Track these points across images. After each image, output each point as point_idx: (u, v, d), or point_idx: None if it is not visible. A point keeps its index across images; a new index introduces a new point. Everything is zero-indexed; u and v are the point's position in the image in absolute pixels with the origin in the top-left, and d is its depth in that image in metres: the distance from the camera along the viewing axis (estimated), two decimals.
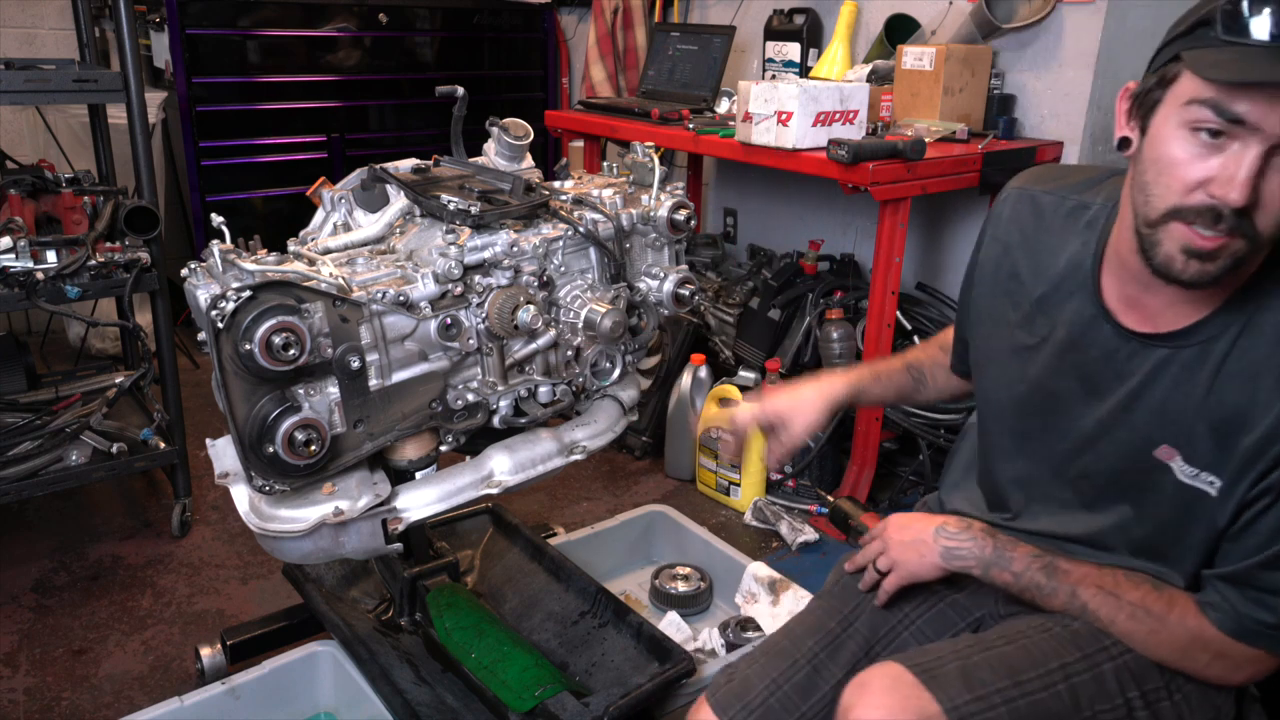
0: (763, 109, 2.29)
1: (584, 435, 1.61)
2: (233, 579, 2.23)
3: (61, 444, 2.21)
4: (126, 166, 2.31)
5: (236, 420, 1.25)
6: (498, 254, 1.43)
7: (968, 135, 2.48)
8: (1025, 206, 1.20)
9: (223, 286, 1.23)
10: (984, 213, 2.63)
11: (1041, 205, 1.19)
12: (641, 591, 2.18)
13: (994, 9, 2.54)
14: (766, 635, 1.86)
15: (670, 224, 1.63)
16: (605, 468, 2.81)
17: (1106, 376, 1.10)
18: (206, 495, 2.55)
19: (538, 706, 1.49)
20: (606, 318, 1.49)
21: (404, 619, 1.75)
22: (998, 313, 1.22)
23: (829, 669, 1.22)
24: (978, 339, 1.28)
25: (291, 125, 3.60)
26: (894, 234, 2.26)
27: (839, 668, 1.22)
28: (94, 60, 2.65)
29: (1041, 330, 1.16)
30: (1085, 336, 1.11)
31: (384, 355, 1.36)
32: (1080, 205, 1.15)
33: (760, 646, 1.30)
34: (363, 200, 1.55)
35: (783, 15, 3.13)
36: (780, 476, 2.61)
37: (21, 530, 2.42)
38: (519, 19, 4.09)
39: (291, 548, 1.35)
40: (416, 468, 1.47)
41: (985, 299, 1.25)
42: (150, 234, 2.18)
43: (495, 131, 1.62)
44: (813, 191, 3.24)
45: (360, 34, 3.67)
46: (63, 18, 3.55)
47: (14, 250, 2.05)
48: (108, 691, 1.86)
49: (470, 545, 2.02)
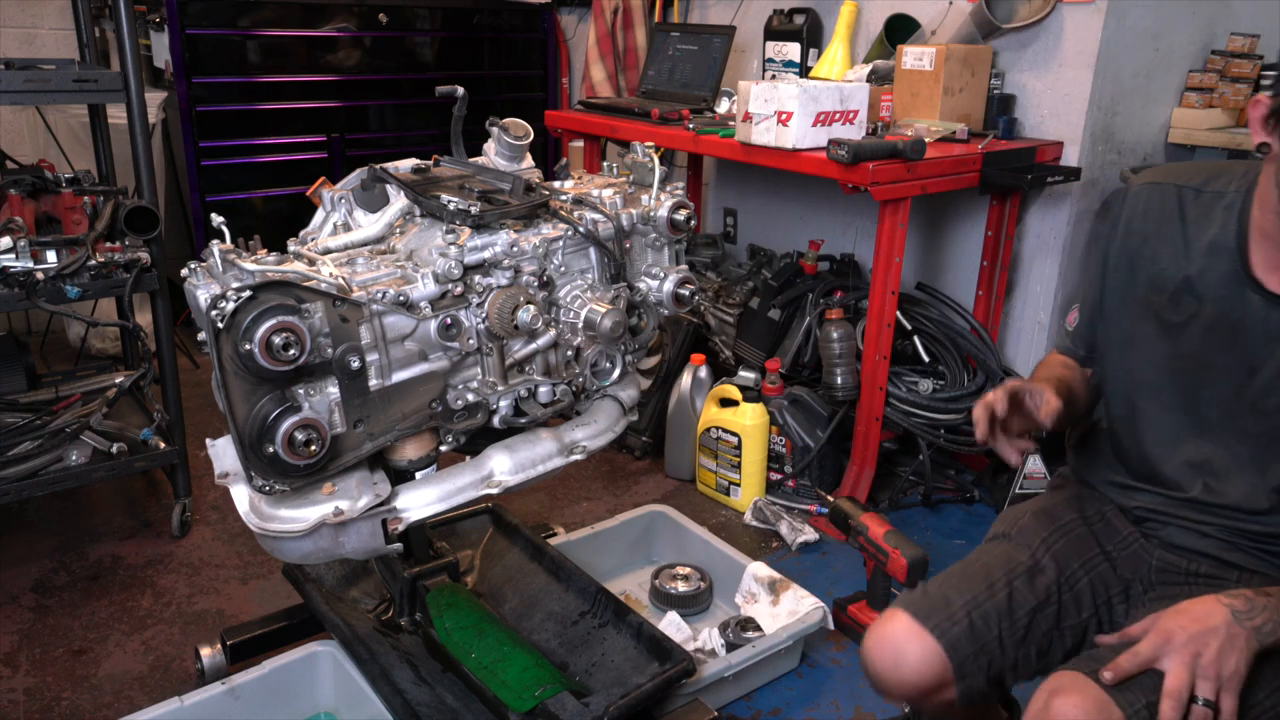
0: (763, 109, 2.29)
1: (584, 435, 1.61)
2: (233, 579, 2.23)
3: (61, 444, 2.21)
4: (126, 166, 2.31)
5: (236, 420, 1.25)
6: (498, 254, 1.43)
7: (968, 135, 2.48)
8: (1160, 197, 1.30)
9: (223, 286, 1.23)
10: (984, 213, 2.66)
11: (1179, 195, 1.29)
12: (641, 591, 2.18)
13: (994, 9, 2.55)
14: (767, 635, 1.87)
15: (670, 224, 1.63)
16: (605, 468, 2.81)
17: (1260, 342, 1.20)
18: (206, 495, 2.55)
19: (538, 706, 1.49)
20: (606, 318, 1.49)
21: (404, 619, 1.75)
22: (1139, 295, 1.31)
23: (1025, 596, 1.28)
24: (1118, 324, 1.35)
25: (291, 125, 3.60)
26: (894, 234, 2.26)
27: (1034, 596, 1.28)
28: (94, 60, 2.65)
29: (1189, 308, 1.25)
30: (1236, 309, 1.21)
31: (384, 355, 1.36)
32: (1216, 194, 1.25)
33: (946, 574, 1.34)
34: (363, 200, 1.55)
35: (783, 15, 3.13)
36: (780, 477, 2.61)
37: (21, 530, 2.42)
38: (519, 19, 4.09)
39: (291, 548, 1.35)
40: (416, 468, 1.47)
41: (1123, 285, 1.33)
42: (150, 234, 2.18)
43: (495, 131, 1.62)
44: (813, 191, 3.24)
45: (360, 34, 3.67)
46: (63, 18, 3.56)
47: (14, 250, 2.05)
48: (108, 691, 1.86)
49: (470, 545, 2.02)
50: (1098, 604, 1.31)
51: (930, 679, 1.23)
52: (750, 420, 2.52)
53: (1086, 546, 1.35)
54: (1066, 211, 2.62)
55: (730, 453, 2.56)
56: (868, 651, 1.28)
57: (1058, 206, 2.63)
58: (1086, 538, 1.35)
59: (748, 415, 2.52)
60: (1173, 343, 1.28)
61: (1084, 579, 1.32)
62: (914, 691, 1.25)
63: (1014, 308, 2.79)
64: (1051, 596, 1.29)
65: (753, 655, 1.80)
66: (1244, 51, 2.64)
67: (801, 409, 2.57)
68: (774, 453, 2.60)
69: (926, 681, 1.23)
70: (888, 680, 1.25)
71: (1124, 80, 2.56)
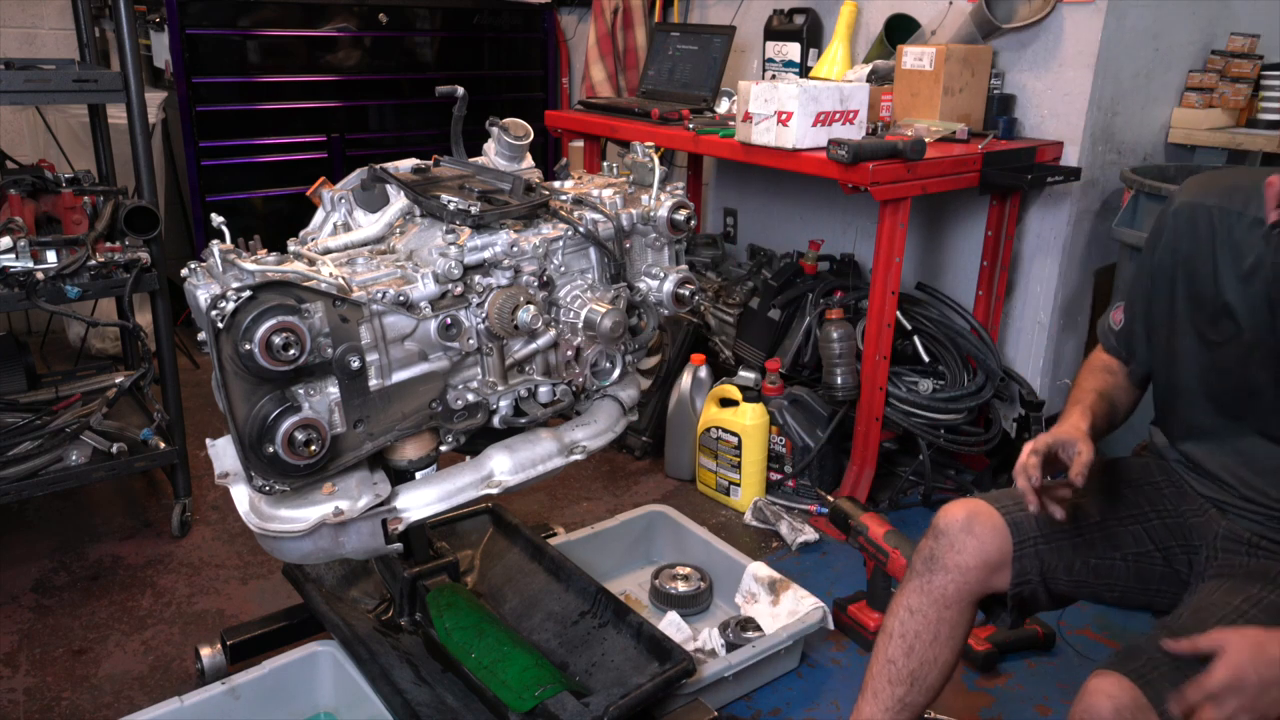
0: (763, 109, 2.29)
1: (584, 435, 1.61)
2: (233, 579, 2.23)
3: (61, 444, 2.21)
4: (126, 166, 2.31)
5: (236, 420, 1.25)
6: (498, 254, 1.43)
7: (968, 135, 2.48)
8: (1201, 219, 1.32)
9: (223, 286, 1.23)
10: (984, 213, 2.66)
11: (1219, 219, 1.31)
12: (641, 591, 2.18)
13: (994, 9, 2.55)
14: (767, 635, 1.87)
15: (670, 224, 1.63)
16: (605, 468, 2.81)
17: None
18: (206, 495, 2.55)
19: (538, 706, 1.49)
20: (606, 318, 1.49)
21: (404, 619, 1.75)
22: (1181, 311, 1.36)
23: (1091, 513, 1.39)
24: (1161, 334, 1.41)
25: (291, 125, 3.60)
26: (894, 234, 2.26)
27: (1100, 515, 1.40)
28: (94, 60, 2.65)
29: (1228, 330, 1.29)
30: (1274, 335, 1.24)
31: (384, 355, 1.36)
32: (1256, 221, 1.26)
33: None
34: (363, 200, 1.55)
35: (783, 15, 3.13)
36: (780, 477, 2.61)
37: (21, 530, 2.42)
38: (519, 19, 4.09)
39: (291, 548, 1.35)
40: (416, 468, 1.47)
41: (1166, 300, 1.38)
42: (150, 234, 2.18)
43: (495, 131, 1.62)
44: (813, 191, 3.24)
45: (360, 34, 3.67)
46: (63, 18, 3.56)
47: (14, 250, 2.05)
48: (108, 691, 1.86)
49: (470, 545, 2.02)
50: (1161, 546, 1.38)
51: (992, 550, 1.34)
52: (750, 420, 2.52)
53: (1160, 499, 1.42)
54: (1066, 211, 2.62)
55: (730, 453, 2.56)
56: (942, 513, 1.39)
57: (1058, 206, 2.63)
58: (1163, 490, 1.43)
59: (748, 415, 2.52)
60: (1213, 357, 1.33)
61: (1155, 520, 1.40)
62: (975, 559, 1.34)
63: (1014, 308, 2.79)
64: (1122, 522, 1.39)
65: (753, 655, 1.80)
66: (1244, 51, 2.64)
67: (801, 409, 2.57)
68: (774, 453, 2.60)
69: (989, 550, 1.34)
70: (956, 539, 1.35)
71: (1124, 80, 2.56)
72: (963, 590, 1.36)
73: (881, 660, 1.42)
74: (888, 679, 1.40)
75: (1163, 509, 1.42)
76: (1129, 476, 1.46)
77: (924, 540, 1.41)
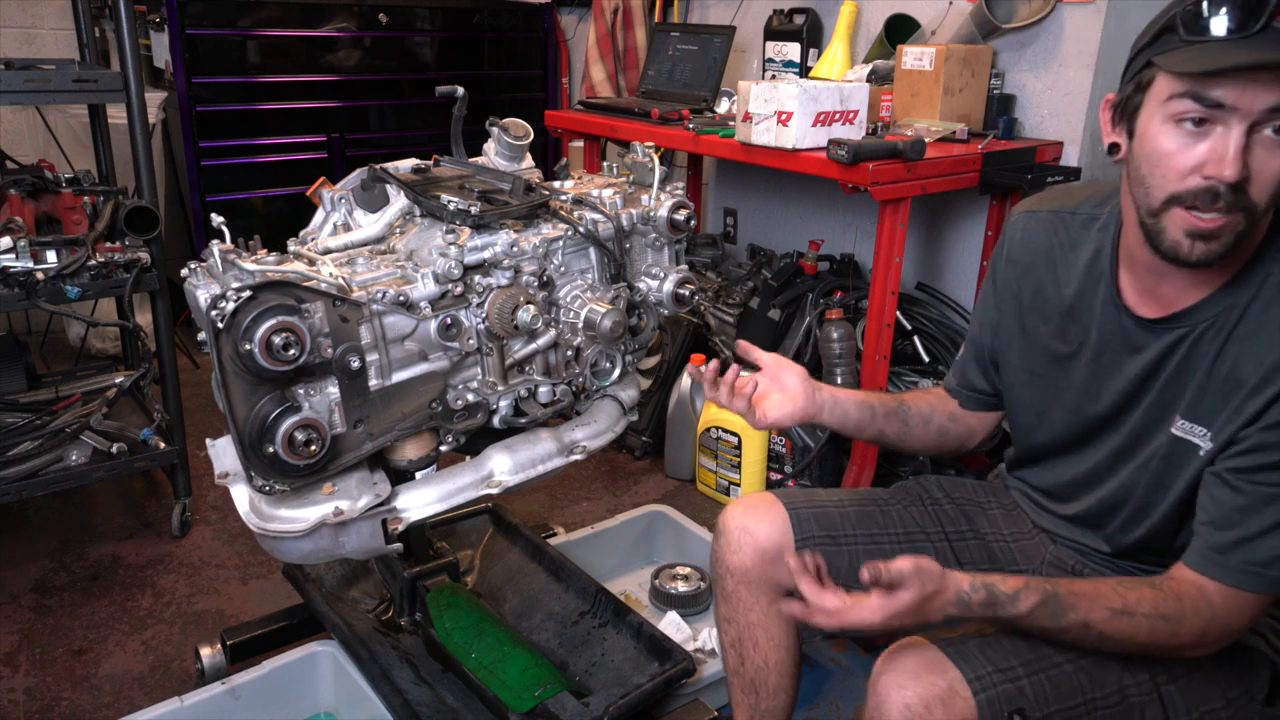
0: (763, 109, 2.29)
1: (584, 435, 1.61)
2: (233, 579, 2.23)
3: (61, 444, 2.21)
4: (126, 166, 2.31)
5: (236, 420, 1.25)
6: (498, 254, 1.43)
7: (968, 135, 2.48)
8: (1036, 225, 1.29)
9: (223, 286, 1.23)
10: (984, 213, 2.66)
11: (1053, 222, 1.27)
12: (641, 591, 2.18)
13: (994, 9, 2.55)
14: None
15: (670, 224, 1.63)
16: (605, 468, 2.81)
17: (1133, 367, 1.16)
18: (206, 495, 2.55)
19: (538, 706, 1.49)
20: (606, 318, 1.49)
21: (404, 619, 1.75)
22: (1030, 329, 1.29)
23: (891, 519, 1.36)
24: (1012, 358, 1.33)
25: (291, 125, 3.60)
26: (894, 234, 2.26)
27: (892, 525, 1.36)
28: (94, 60, 2.65)
29: (1076, 337, 1.23)
30: (1113, 334, 1.18)
31: (384, 355, 1.36)
32: (1090, 216, 1.24)
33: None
34: (363, 200, 1.55)
35: (783, 15, 3.13)
36: (780, 477, 2.61)
37: (21, 530, 2.42)
38: (519, 19, 4.09)
39: (291, 548, 1.35)
40: (416, 468, 1.47)
41: (1013, 319, 1.32)
42: (150, 234, 2.18)
43: (495, 131, 1.62)
44: (813, 191, 3.24)
45: (360, 34, 3.67)
46: (63, 18, 3.56)
47: (14, 250, 2.05)
48: (108, 691, 1.86)
49: (470, 545, 2.02)
50: (964, 561, 1.35)
51: (768, 545, 1.30)
52: None
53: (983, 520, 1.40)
54: None
55: (730, 453, 2.56)
56: (722, 513, 1.36)
57: None
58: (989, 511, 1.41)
59: None
60: (1067, 375, 1.25)
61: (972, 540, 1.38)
62: (752, 557, 1.31)
63: None
64: (921, 531, 1.36)
65: None
66: None
67: None
68: (774, 453, 2.60)
69: (763, 545, 1.30)
70: (733, 539, 1.32)
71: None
72: (754, 589, 1.32)
73: (729, 673, 1.42)
74: (740, 689, 1.41)
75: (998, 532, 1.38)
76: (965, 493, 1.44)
77: (712, 543, 1.38)
